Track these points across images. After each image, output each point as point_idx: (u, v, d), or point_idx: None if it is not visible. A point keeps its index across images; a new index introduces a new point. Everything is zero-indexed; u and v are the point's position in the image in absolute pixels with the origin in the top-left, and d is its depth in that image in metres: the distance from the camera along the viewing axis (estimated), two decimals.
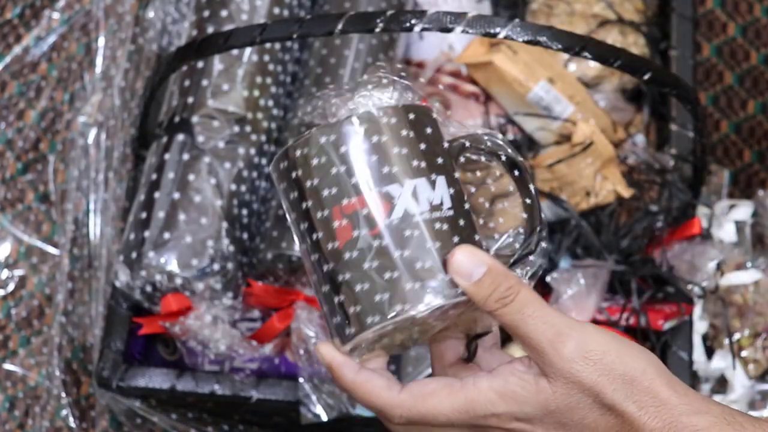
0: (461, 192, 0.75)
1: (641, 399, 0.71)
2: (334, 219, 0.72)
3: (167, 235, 1.20)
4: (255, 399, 1.22)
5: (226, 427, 1.32)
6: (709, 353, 1.30)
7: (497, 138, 0.76)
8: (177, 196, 1.22)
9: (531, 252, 0.76)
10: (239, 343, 1.21)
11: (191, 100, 1.27)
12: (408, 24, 0.98)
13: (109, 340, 1.24)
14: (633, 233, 1.27)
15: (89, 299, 1.38)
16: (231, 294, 1.22)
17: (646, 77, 1.04)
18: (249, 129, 1.28)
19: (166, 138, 1.26)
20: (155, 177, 1.24)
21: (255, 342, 1.22)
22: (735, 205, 1.38)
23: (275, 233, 1.23)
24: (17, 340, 1.41)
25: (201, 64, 1.28)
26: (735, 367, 1.28)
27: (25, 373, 1.39)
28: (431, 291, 0.71)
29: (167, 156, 1.25)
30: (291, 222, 0.75)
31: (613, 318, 1.23)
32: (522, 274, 0.76)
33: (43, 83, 1.55)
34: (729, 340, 1.28)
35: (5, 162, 1.50)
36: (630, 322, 1.23)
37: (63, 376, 1.36)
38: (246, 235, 1.25)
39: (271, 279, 1.24)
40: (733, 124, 1.55)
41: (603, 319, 1.24)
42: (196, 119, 1.26)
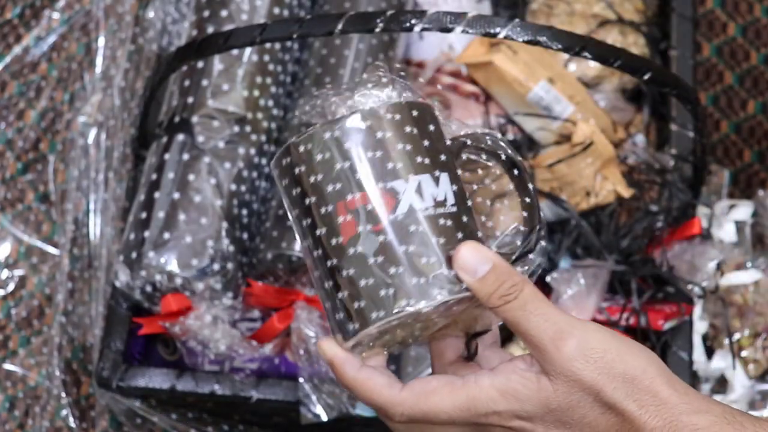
0: (463, 189, 0.75)
1: (641, 398, 0.71)
2: (338, 214, 0.72)
3: (167, 235, 1.20)
4: (255, 399, 1.22)
5: (226, 427, 1.32)
6: (709, 353, 1.30)
7: (497, 137, 0.77)
8: (177, 196, 1.22)
9: (530, 251, 0.76)
10: (239, 343, 1.21)
11: (191, 100, 1.27)
12: (408, 24, 0.98)
13: (109, 340, 1.24)
14: (633, 233, 1.27)
15: (89, 299, 1.38)
16: (231, 294, 1.22)
17: (646, 77, 1.04)
18: (249, 129, 1.28)
19: (166, 138, 1.26)
20: (155, 177, 1.24)
21: (255, 342, 1.22)
22: (735, 205, 1.38)
23: (275, 233, 1.23)
24: (17, 340, 1.41)
25: (201, 64, 1.28)
26: (735, 367, 1.28)
27: (25, 373, 1.39)
28: (436, 286, 0.72)
29: (167, 156, 1.25)
30: (293, 218, 0.75)
31: (613, 318, 1.23)
32: (521, 272, 0.76)
33: (43, 83, 1.55)
34: (729, 340, 1.28)
35: (5, 162, 1.50)
36: (630, 322, 1.23)
37: (63, 376, 1.36)
38: (246, 235, 1.25)
39: (271, 279, 1.24)
40: (733, 124, 1.55)
41: (603, 319, 1.24)
42: (196, 119, 1.26)
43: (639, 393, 0.71)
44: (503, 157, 0.76)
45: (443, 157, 0.75)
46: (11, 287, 1.44)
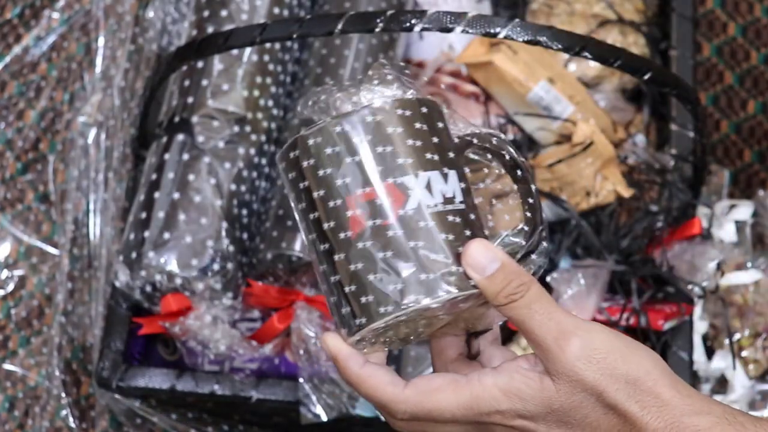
0: (469, 188, 0.75)
1: (644, 399, 0.71)
2: (347, 208, 0.72)
3: (167, 235, 1.20)
4: (255, 399, 1.22)
5: (226, 427, 1.32)
6: (710, 353, 1.30)
7: (502, 137, 0.77)
8: (177, 196, 1.22)
9: (532, 251, 0.76)
10: (239, 343, 1.21)
11: (191, 100, 1.27)
12: (408, 24, 0.98)
13: (109, 340, 1.24)
14: (633, 233, 1.27)
15: (89, 299, 1.38)
16: (231, 294, 1.22)
17: (646, 77, 1.04)
18: (249, 129, 1.27)
19: (166, 138, 1.26)
20: (155, 177, 1.24)
21: (255, 342, 1.22)
22: (735, 205, 1.38)
23: (275, 233, 1.23)
24: (17, 340, 1.41)
25: (201, 64, 1.28)
26: (735, 367, 1.28)
27: (25, 373, 1.39)
28: (444, 283, 0.72)
29: (167, 156, 1.25)
30: (298, 212, 0.75)
31: (613, 318, 1.23)
32: None
33: (43, 83, 1.55)
34: (729, 340, 1.28)
35: (5, 162, 1.50)
36: (630, 322, 1.23)
37: (63, 376, 1.36)
38: (246, 235, 1.25)
39: (271, 279, 1.24)
40: (734, 124, 1.55)
41: (603, 319, 1.24)
42: (196, 119, 1.26)
43: (641, 394, 0.71)
44: (507, 158, 0.76)
45: (451, 155, 0.75)
46: (11, 287, 1.43)
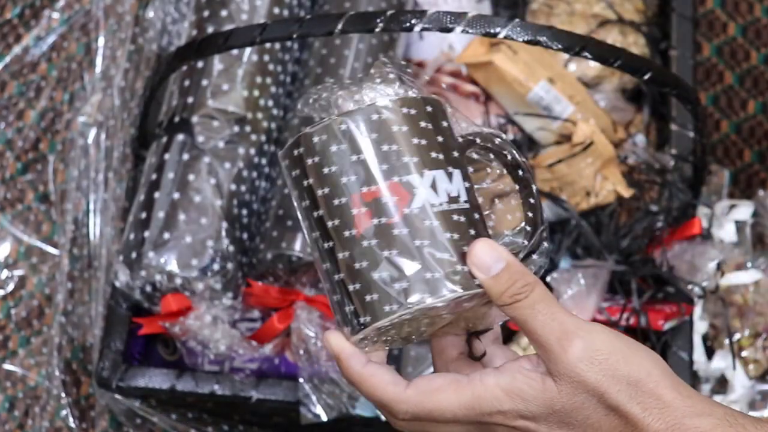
0: (473, 188, 0.75)
1: (645, 401, 0.71)
2: (352, 206, 0.72)
3: (167, 235, 1.20)
4: (255, 399, 1.22)
5: (226, 427, 1.32)
6: (710, 353, 1.30)
7: (504, 137, 0.77)
8: (177, 196, 1.22)
9: (533, 251, 0.76)
10: (239, 343, 1.21)
11: (191, 100, 1.27)
12: (408, 24, 0.98)
13: (109, 340, 1.24)
14: (633, 233, 1.27)
15: (89, 299, 1.38)
16: (231, 294, 1.22)
17: (646, 77, 1.04)
18: (249, 129, 1.27)
19: (166, 138, 1.26)
20: (155, 177, 1.24)
21: (255, 342, 1.22)
22: (735, 205, 1.38)
23: (275, 233, 1.23)
24: (17, 340, 1.41)
25: (201, 64, 1.28)
26: (735, 368, 1.28)
27: (25, 373, 1.39)
28: (450, 282, 0.72)
29: (167, 156, 1.25)
30: (301, 210, 0.75)
31: (613, 318, 1.23)
32: None
33: (43, 83, 1.55)
34: (729, 340, 1.28)
35: (5, 162, 1.50)
36: (630, 322, 1.23)
37: (63, 376, 1.36)
38: (246, 235, 1.25)
39: (271, 279, 1.24)
40: (734, 124, 1.55)
41: (603, 319, 1.23)
42: (196, 119, 1.26)
43: (643, 396, 0.71)
44: (509, 158, 0.76)
45: (455, 154, 0.75)
46: (11, 287, 1.43)
